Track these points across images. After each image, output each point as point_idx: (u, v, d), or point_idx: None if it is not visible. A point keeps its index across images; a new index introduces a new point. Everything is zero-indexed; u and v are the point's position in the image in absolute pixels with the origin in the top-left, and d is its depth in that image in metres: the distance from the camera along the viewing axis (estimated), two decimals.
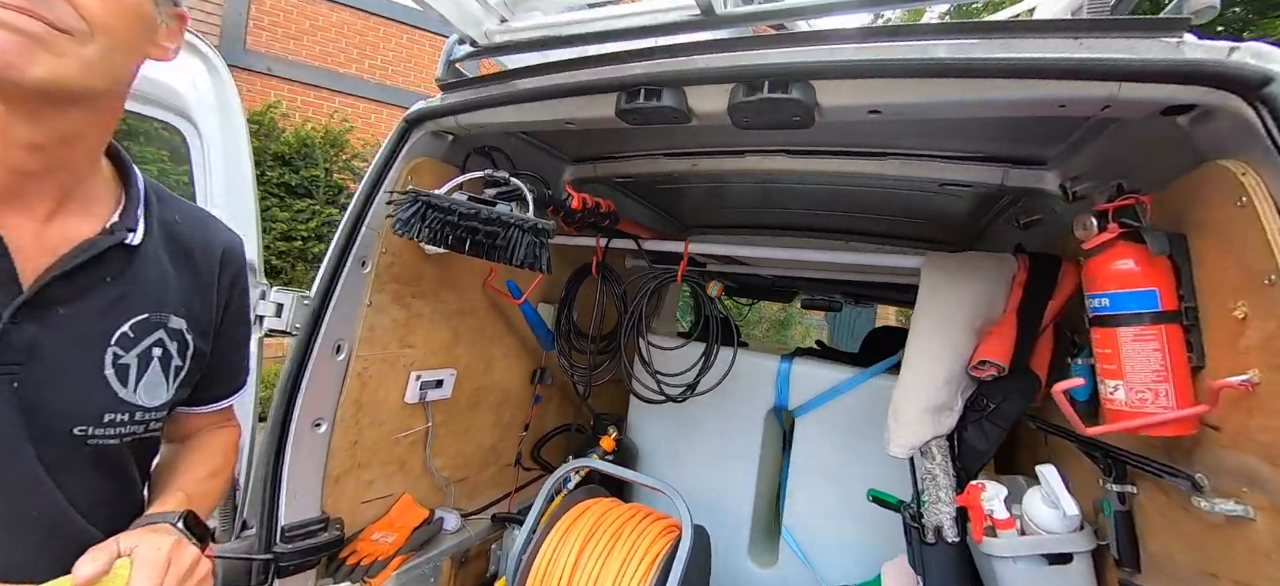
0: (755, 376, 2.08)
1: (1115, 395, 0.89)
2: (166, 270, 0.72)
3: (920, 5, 1.01)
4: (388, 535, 1.59)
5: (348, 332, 1.40)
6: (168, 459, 0.83)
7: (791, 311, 9.79)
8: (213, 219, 0.82)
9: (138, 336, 0.68)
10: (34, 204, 0.62)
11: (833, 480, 1.93)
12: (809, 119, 0.93)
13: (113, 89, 0.62)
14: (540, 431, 2.27)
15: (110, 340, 0.66)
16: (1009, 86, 0.78)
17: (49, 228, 0.63)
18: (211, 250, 0.78)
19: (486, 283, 1.79)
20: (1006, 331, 1.31)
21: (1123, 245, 0.88)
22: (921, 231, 2.22)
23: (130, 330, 0.68)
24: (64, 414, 0.63)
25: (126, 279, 0.68)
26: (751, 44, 0.95)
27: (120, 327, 0.67)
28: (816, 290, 3.46)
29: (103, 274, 0.66)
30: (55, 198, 0.64)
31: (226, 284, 0.80)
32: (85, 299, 0.65)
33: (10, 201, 0.60)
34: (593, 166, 1.91)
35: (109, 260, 0.66)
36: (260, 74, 6.19)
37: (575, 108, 1.14)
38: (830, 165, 1.46)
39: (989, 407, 1.35)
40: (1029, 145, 1.28)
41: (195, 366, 0.76)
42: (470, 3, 1.28)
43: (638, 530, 1.51)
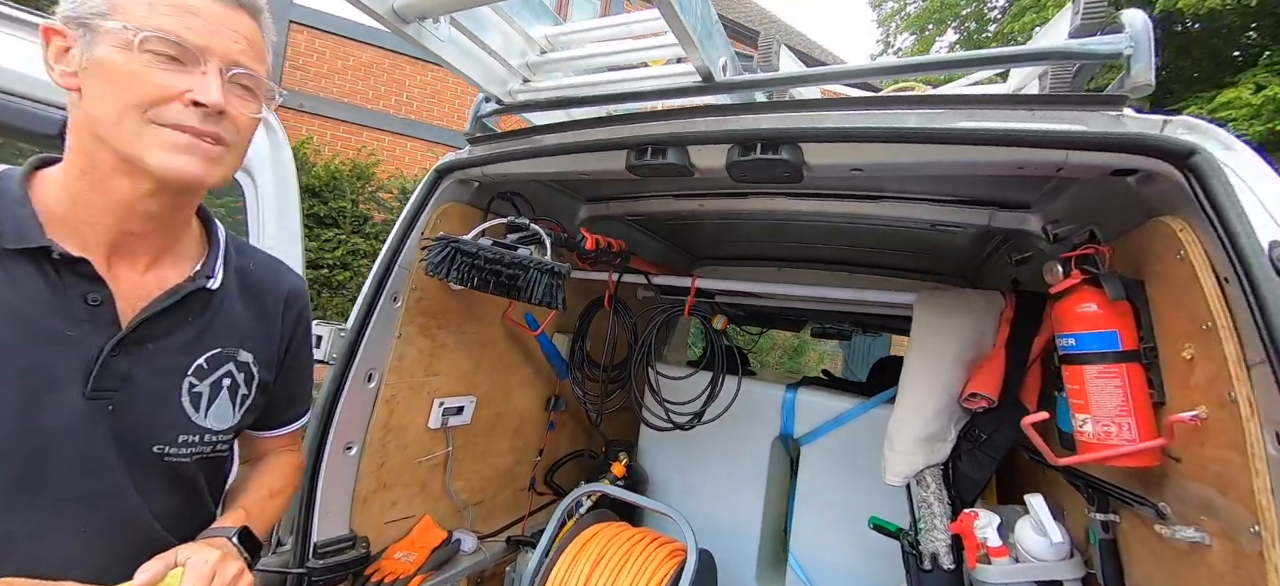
0: (761, 405, 2.15)
1: (1084, 428, 0.96)
2: (238, 310, 0.84)
3: (903, 77, 1.13)
4: (409, 554, 1.69)
5: (379, 362, 1.52)
6: (239, 479, 0.94)
7: (805, 339, 9.79)
8: (282, 265, 0.94)
9: (211, 368, 0.80)
10: (138, 257, 0.75)
11: (838, 508, 1.98)
12: (798, 176, 1.04)
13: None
14: (554, 456, 2.36)
15: (187, 371, 0.77)
16: (971, 151, 0.88)
17: (147, 276, 0.76)
18: (279, 292, 0.90)
19: (506, 315, 1.91)
20: (995, 365, 1.38)
21: (1086, 290, 0.96)
22: (925, 264, 2.30)
23: (205, 362, 0.79)
24: (148, 434, 0.74)
25: (205, 318, 0.80)
26: (747, 110, 1.06)
27: (197, 360, 0.78)
28: (825, 320, 3.53)
29: (186, 314, 0.78)
30: (154, 252, 0.76)
31: (291, 322, 0.91)
32: (170, 336, 0.76)
33: (119, 255, 0.73)
34: (606, 205, 2.03)
35: (191, 302, 0.78)
36: (294, 111, 6.53)
37: (589, 162, 1.27)
38: (827, 207, 1.56)
39: (981, 438, 1.42)
40: (1012, 191, 1.37)
41: (260, 395, 0.87)
42: (496, 66, 1.42)
43: (645, 554, 1.58)
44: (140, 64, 0.64)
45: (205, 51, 0.66)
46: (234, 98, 0.70)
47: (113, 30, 0.63)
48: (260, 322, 0.87)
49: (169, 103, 0.65)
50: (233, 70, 0.69)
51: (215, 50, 0.67)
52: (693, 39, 1.03)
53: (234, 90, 0.71)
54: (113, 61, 0.63)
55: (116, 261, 0.73)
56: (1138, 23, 0.81)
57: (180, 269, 0.79)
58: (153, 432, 0.75)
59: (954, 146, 0.89)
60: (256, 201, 1.36)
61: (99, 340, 0.69)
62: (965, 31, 9.64)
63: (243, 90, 0.72)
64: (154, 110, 0.65)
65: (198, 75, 0.66)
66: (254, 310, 0.86)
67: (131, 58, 0.64)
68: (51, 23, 0.63)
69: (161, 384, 0.75)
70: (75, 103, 0.66)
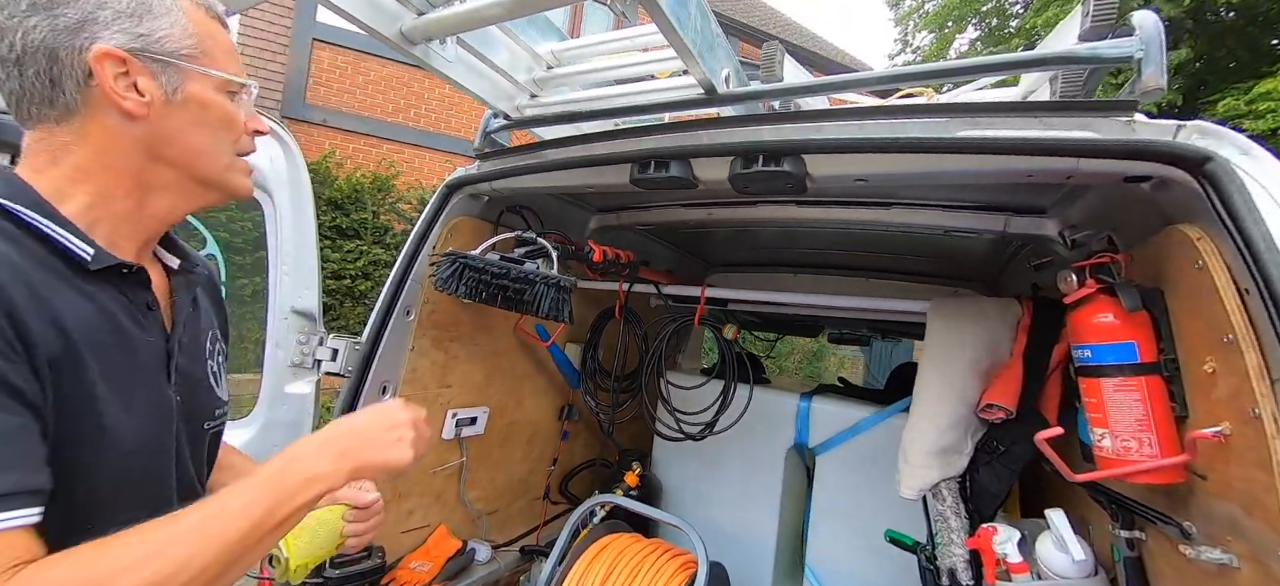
0: (775, 414, 2.13)
1: (1103, 443, 0.93)
2: (202, 294, 0.90)
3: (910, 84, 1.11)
4: (424, 564, 1.71)
5: (393, 374, 1.55)
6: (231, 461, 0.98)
7: (824, 343, 9.66)
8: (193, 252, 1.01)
9: (212, 346, 0.87)
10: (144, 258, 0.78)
11: (855, 519, 1.95)
12: (801, 187, 1.03)
13: None
14: (568, 466, 2.37)
15: (205, 353, 0.84)
16: (977, 160, 0.87)
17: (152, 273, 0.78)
18: (213, 278, 0.96)
19: (517, 326, 1.92)
20: (1012, 375, 1.35)
21: (1102, 299, 0.93)
22: (943, 270, 2.26)
23: (209, 343, 0.85)
24: (200, 415, 0.81)
25: (198, 304, 0.86)
26: (749, 122, 1.06)
27: (205, 342, 0.84)
28: (842, 326, 3.48)
29: (190, 302, 0.83)
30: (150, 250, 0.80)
31: (224, 306, 0.98)
32: (191, 325, 0.82)
33: (145, 257, 0.76)
34: (616, 216, 2.04)
35: (190, 286, 0.84)
36: (317, 125, 6.71)
37: (594, 176, 1.27)
38: (837, 214, 1.54)
39: (1000, 450, 1.38)
40: (1027, 196, 1.33)
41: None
42: (504, 83, 1.44)
43: (656, 565, 1.57)
44: (234, 106, 0.74)
45: (248, 88, 0.76)
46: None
47: (212, 76, 0.71)
48: (212, 301, 0.92)
49: (242, 135, 0.76)
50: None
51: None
52: (693, 53, 1.03)
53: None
54: (216, 103, 0.71)
55: (146, 263, 0.77)
56: (1149, 25, 0.78)
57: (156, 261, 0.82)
58: (202, 412, 0.81)
59: (958, 156, 0.87)
60: (275, 218, 1.41)
61: (161, 341, 0.73)
62: (986, 28, 9.44)
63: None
64: (237, 142, 0.75)
65: (249, 107, 0.76)
66: (207, 294, 0.91)
67: (226, 100, 0.72)
68: (110, 48, 0.63)
69: (199, 368, 0.81)
70: (115, 127, 0.66)
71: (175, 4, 0.68)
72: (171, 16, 0.67)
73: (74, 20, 0.62)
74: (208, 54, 0.70)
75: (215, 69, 0.70)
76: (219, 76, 0.71)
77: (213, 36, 0.72)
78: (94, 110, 0.65)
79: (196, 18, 0.70)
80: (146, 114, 0.66)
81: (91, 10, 0.62)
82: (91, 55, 0.62)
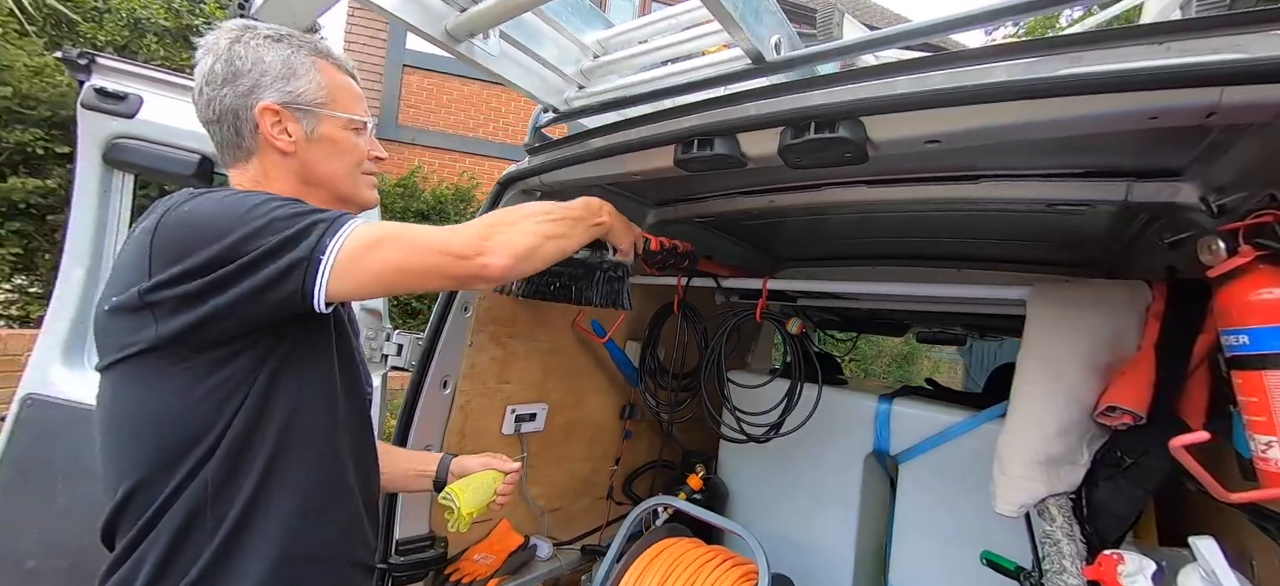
0: (851, 418, 1.96)
1: (1269, 453, 0.73)
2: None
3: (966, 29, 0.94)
4: (487, 557, 1.74)
5: (453, 370, 1.59)
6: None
7: (915, 346, 8.93)
8: None
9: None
10: None
11: (947, 535, 1.74)
12: (861, 155, 0.91)
13: None
14: (631, 466, 2.33)
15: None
16: (1080, 104, 0.71)
17: None
18: None
19: (575, 323, 1.91)
20: (1142, 372, 1.12)
21: (1263, 270, 0.73)
22: (1049, 254, 1.97)
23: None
24: (364, 385, 0.98)
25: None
26: (799, 87, 0.96)
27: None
28: (929, 322, 3.16)
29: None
30: None
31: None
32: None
33: None
34: (673, 209, 1.97)
35: None
36: (407, 144, 7.25)
37: (639, 161, 1.22)
38: (913, 192, 1.38)
39: (1125, 462, 1.15)
40: (1154, 153, 1.10)
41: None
42: (552, 76, 1.43)
43: (716, 574, 1.48)
44: (356, 139, 0.95)
45: (365, 124, 0.97)
46: None
47: (338, 118, 0.92)
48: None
49: (365, 159, 0.97)
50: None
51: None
52: (736, 19, 0.95)
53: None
54: (343, 137, 0.93)
55: None
56: None
57: None
58: (363, 383, 0.98)
59: (1055, 101, 0.72)
60: None
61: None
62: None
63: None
64: (361, 165, 0.97)
65: (368, 137, 0.98)
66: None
67: (350, 135, 0.94)
68: (268, 103, 0.85)
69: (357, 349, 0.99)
70: (277, 161, 0.89)
71: (314, 65, 0.89)
72: (309, 76, 0.89)
73: (246, 87, 0.85)
74: (335, 101, 0.92)
75: (340, 112, 0.92)
76: (342, 117, 0.92)
77: (343, 86, 0.93)
78: (263, 150, 0.88)
79: (329, 73, 0.91)
80: (294, 150, 0.88)
81: (257, 78, 0.85)
82: (257, 110, 0.85)
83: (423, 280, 0.80)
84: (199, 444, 0.72)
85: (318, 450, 0.81)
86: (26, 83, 4.13)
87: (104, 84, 1.56)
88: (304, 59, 0.89)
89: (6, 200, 4.05)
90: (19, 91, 4.06)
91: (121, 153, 1.58)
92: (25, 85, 4.11)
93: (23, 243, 4.21)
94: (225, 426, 0.72)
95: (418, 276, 0.79)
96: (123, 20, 5.23)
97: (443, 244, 0.78)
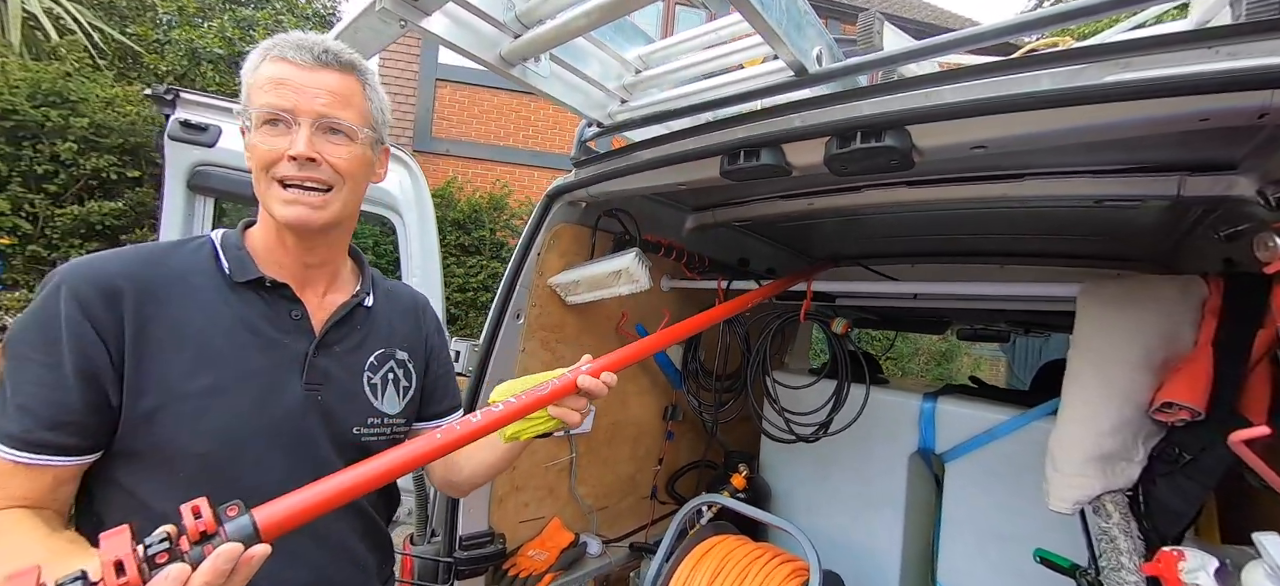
0: (895, 416, 1.96)
1: None
2: (389, 320, 1.03)
3: (1044, 31, 0.96)
4: (541, 553, 1.81)
5: (507, 374, 1.67)
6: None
7: (954, 343, 8.71)
8: (411, 288, 1.15)
9: (379, 365, 0.98)
10: (317, 286, 0.94)
11: (996, 534, 1.73)
12: (907, 162, 0.94)
13: (354, 213, 0.94)
14: (674, 466, 2.38)
15: (364, 367, 0.95)
16: (1129, 109, 0.73)
17: (325, 299, 0.95)
18: (415, 305, 1.10)
19: (618, 327, 1.98)
20: (1199, 367, 1.11)
21: None
22: (1097, 249, 1.93)
23: (375, 360, 0.97)
24: (347, 419, 0.91)
25: (366, 327, 0.98)
26: (845, 97, 0.99)
27: (368, 359, 0.96)
28: (972, 319, 3.11)
29: (354, 324, 0.96)
30: (327, 282, 0.96)
31: (429, 328, 1.10)
32: (347, 340, 0.95)
33: (304, 287, 0.92)
34: (712, 214, 2.02)
35: (356, 315, 0.97)
36: (442, 156, 7.48)
37: (685, 172, 1.27)
38: (955, 192, 1.39)
39: (1184, 459, 1.14)
40: (1208, 147, 1.09)
41: (416, 387, 1.05)
42: (596, 92, 1.50)
43: (765, 570, 1.52)
44: (259, 137, 0.79)
45: (295, 112, 0.79)
46: (327, 144, 0.81)
47: (248, 114, 0.80)
48: (406, 328, 1.05)
49: (278, 162, 0.79)
50: (319, 121, 0.80)
51: (303, 109, 0.79)
52: (779, 34, 0.99)
53: (326, 138, 0.82)
54: (250, 138, 0.80)
55: (303, 290, 0.92)
56: None
57: (344, 293, 0.98)
58: (349, 416, 0.91)
59: (1105, 107, 0.74)
60: (405, 235, 1.59)
61: (304, 345, 0.87)
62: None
63: (335, 135, 0.82)
64: (272, 169, 0.80)
65: (295, 134, 0.79)
66: (400, 320, 1.05)
67: (254, 133, 0.79)
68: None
69: (350, 378, 0.93)
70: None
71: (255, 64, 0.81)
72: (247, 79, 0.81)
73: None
74: (249, 98, 0.80)
75: (251, 107, 0.80)
76: (252, 113, 0.80)
77: (260, 77, 0.80)
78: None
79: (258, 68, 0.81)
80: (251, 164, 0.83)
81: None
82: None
83: None
84: None
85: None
86: (100, 113, 4.46)
87: (187, 116, 1.71)
88: (254, 60, 0.81)
89: (86, 222, 4.38)
90: (93, 122, 4.39)
91: (203, 179, 1.73)
92: (99, 116, 4.44)
93: None
94: None
95: None
96: (181, 51, 5.58)
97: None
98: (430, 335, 1.10)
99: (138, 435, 0.75)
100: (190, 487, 0.74)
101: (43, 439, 0.70)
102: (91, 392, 0.72)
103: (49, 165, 4.27)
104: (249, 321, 0.83)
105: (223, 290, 0.83)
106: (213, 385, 0.78)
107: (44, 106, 4.24)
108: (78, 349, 0.71)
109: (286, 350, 0.85)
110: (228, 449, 0.78)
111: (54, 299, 0.72)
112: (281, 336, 0.85)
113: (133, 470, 0.76)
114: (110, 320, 0.73)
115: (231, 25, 5.83)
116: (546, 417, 0.91)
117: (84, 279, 0.74)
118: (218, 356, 0.79)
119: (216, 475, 0.76)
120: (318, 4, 7.16)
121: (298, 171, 0.79)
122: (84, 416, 0.72)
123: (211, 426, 0.77)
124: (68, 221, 4.31)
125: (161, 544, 0.52)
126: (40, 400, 0.70)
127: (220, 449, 0.77)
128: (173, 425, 0.75)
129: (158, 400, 0.75)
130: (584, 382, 0.90)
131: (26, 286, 4.23)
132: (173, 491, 0.73)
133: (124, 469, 0.76)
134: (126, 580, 0.45)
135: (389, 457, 0.71)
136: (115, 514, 0.76)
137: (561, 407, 0.90)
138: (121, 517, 0.76)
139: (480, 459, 1.04)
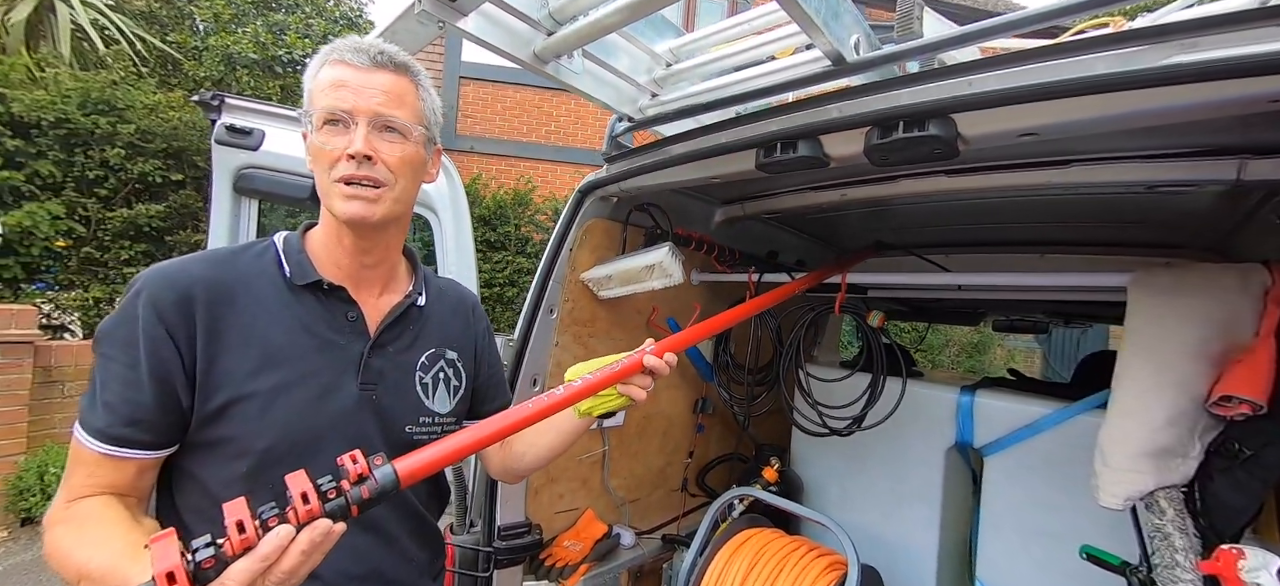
0: (930, 409, 1.93)
1: None
2: (441, 320, 1.05)
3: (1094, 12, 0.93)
4: (576, 544, 1.84)
5: (541, 368, 1.70)
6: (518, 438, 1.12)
7: (987, 334, 8.48)
8: (461, 284, 1.16)
9: (430, 364, 1.00)
10: (373, 288, 0.97)
11: (1039, 531, 1.69)
12: (952, 151, 0.92)
13: (407, 210, 0.96)
14: (704, 459, 2.38)
15: (416, 366, 0.98)
16: (1193, 92, 0.70)
17: (380, 300, 0.98)
18: (465, 304, 1.12)
19: (650, 321, 1.99)
20: (1261, 359, 1.07)
21: None
22: (1147, 236, 1.86)
23: (426, 360, 1.00)
24: (399, 417, 0.93)
25: (418, 326, 1.00)
26: (885, 86, 0.98)
27: (420, 358, 0.99)
28: (1009, 310, 3.03)
29: (407, 323, 0.99)
30: (382, 282, 0.98)
31: (479, 327, 1.12)
32: (399, 340, 0.97)
33: (360, 288, 0.95)
34: (741, 206, 2.01)
35: (409, 315, 0.99)
36: (466, 153, 7.58)
37: (720, 166, 1.27)
38: (997, 180, 1.35)
39: (1243, 454, 1.10)
40: (1272, 129, 1.04)
41: (467, 385, 1.07)
42: (627, 87, 1.50)
43: (802, 563, 1.52)
44: (321, 138, 0.83)
45: (353, 113, 0.82)
46: (382, 142, 0.84)
47: (310, 117, 0.84)
48: (457, 327, 1.07)
49: (339, 161, 0.82)
50: (376, 119, 0.83)
51: (360, 109, 0.82)
52: (816, 22, 0.97)
53: (382, 136, 0.84)
54: (313, 140, 0.84)
55: (359, 291, 0.95)
56: None
57: (398, 294, 1.00)
58: (402, 415, 0.93)
59: (1166, 90, 0.72)
60: (441, 233, 1.63)
61: (360, 346, 0.91)
62: None
63: (390, 133, 0.85)
64: (334, 169, 0.83)
65: (353, 132, 0.82)
66: (451, 318, 1.07)
67: (316, 135, 0.83)
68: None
69: (403, 377, 0.96)
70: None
71: (315, 71, 0.85)
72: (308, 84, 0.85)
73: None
74: (311, 102, 0.84)
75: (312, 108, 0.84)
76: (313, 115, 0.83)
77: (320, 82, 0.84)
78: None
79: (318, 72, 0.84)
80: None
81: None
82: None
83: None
84: None
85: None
86: (144, 119, 4.65)
87: (233, 121, 1.77)
88: (314, 65, 0.85)
89: (134, 225, 4.58)
90: (139, 128, 4.58)
91: (248, 181, 1.79)
92: (143, 122, 4.63)
93: (148, 262, 4.76)
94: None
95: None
96: (217, 56, 5.76)
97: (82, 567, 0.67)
98: (480, 335, 1.12)
99: (208, 428, 0.79)
100: (253, 479, 0.79)
101: (123, 434, 0.75)
102: (163, 393, 0.76)
103: (99, 170, 4.48)
104: (307, 323, 0.87)
105: (284, 293, 0.87)
106: (276, 384, 0.82)
107: (93, 114, 4.44)
108: (153, 352, 0.75)
109: (343, 351, 0.89)
110: (289, 444, 0.81)
111: (133, 303, 0.77)
112: (338, 337, 0.89)
113: (202, 461, 0.81)
114: (183, 324, 0.78)
115: (264, 30, 6.00)
116: (615, 394, 0.99)
117: (160, 285, 0.78)
118: (281, 356, 0.83)
119: (277, 468, 0.80)
120: (345, 6, 7.30)
121: (356, 169, 0.82)
122: (156, 416, 0.76)
123: (274, 422, 0.81)
124: (118, 224, 4.51)
125: (272, 510, 0.61)
126: (120, 398, 0.75)
127: (281, 443, 0.81)
128: (239, 420, 0.79)
129: (226, 397, 0.79)
130: (650, 361, 0.99)
131: (82, 286, 4.45)
132: (236, 481, 0.79)
133: (195, 459, 0.81)
134: (246, 537, 0.57)
135: (501, 418, 0.80)
136: (187, 499, 0.82)
137: (629, 385, 0.98)
138: (192, 502, 0.81)
139: (545, 443, 1.08)
